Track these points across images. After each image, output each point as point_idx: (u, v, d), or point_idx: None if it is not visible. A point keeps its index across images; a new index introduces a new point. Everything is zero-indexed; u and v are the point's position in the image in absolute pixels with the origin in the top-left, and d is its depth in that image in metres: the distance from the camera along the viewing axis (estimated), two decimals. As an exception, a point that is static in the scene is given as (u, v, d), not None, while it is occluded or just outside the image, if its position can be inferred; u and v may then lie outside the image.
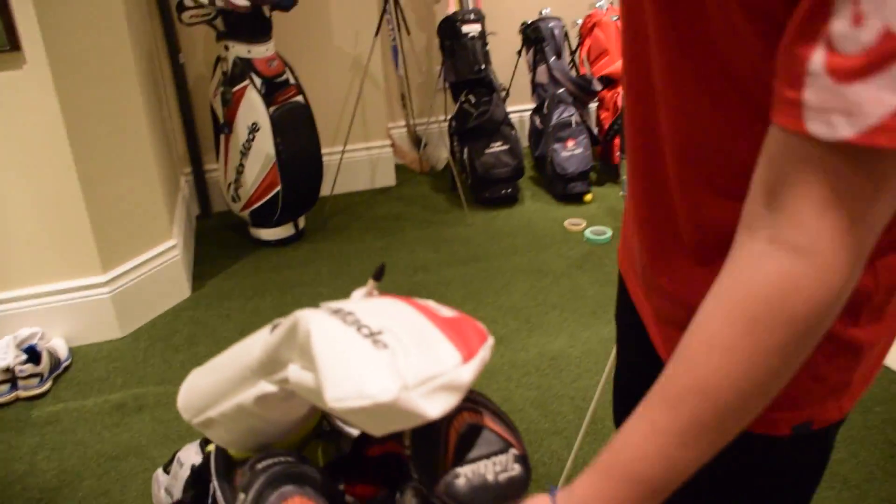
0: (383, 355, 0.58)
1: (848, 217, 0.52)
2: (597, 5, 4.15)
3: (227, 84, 3.03)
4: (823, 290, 0.54)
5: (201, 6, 2.87)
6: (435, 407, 0.57)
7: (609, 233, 3.32)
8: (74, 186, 2.45)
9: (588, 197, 3.73)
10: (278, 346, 0.67)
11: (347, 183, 3.91)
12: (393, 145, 4.02)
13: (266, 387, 0.71)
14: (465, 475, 0.63)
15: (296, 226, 3.35)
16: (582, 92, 3.84)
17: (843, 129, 0.48)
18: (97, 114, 2.48)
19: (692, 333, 0.61)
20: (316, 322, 0.62)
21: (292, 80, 3.15)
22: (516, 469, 0.65)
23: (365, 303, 0.68)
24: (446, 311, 0.68)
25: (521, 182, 3.89)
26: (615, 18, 4.00)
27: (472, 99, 3.71)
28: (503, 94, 3.84)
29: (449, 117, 3.93)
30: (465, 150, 3.74)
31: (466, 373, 0.60)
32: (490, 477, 0.63)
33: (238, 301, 2.90)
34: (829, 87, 0.48)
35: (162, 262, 2.82)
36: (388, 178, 4.03)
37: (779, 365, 0.57)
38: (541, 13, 4.05)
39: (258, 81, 3.01)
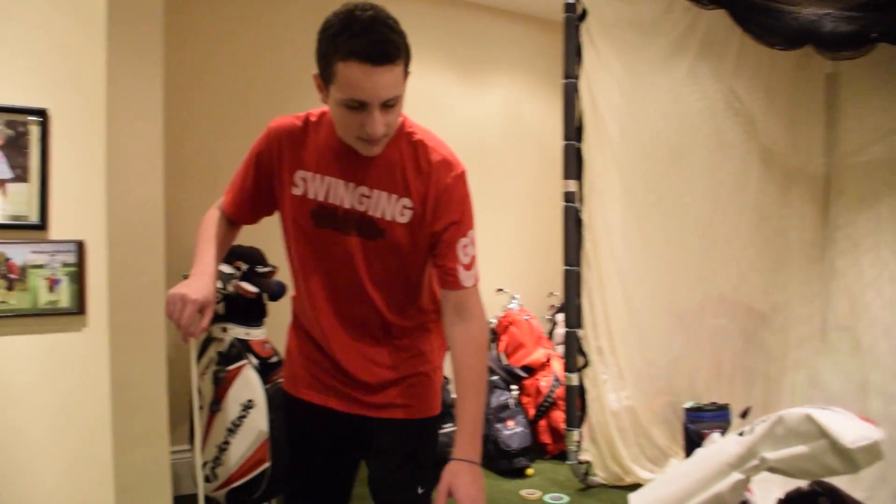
0: (856, 420, 1.20)
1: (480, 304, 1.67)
2: (509, 306, 4.81)
3: (221, 363, 3.15)
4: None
5: None
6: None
7: (566, 498, 3.61)
8: (106, 451, 2.42)
9: (530, 471, 4.07)
10: (757, 442, 1.25)
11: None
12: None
13: (737, 476, 1.26)
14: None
15: (272, 504, 3.23)
16: (511, 378, 4.40)
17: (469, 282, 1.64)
18: (137, 382, 2.50)
19: (465, 366, 1.60)
20: (804, 410, 1.22)
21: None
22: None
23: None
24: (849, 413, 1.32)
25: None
26: (527, 318, 4.71)
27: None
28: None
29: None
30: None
31: (881, 434, 1.27)
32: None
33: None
34: (464, 272, 1.62)
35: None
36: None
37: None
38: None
39: (255, 361, 3.19)
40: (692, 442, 3.97)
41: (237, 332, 3.22)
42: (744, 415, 1.58)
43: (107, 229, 2.40)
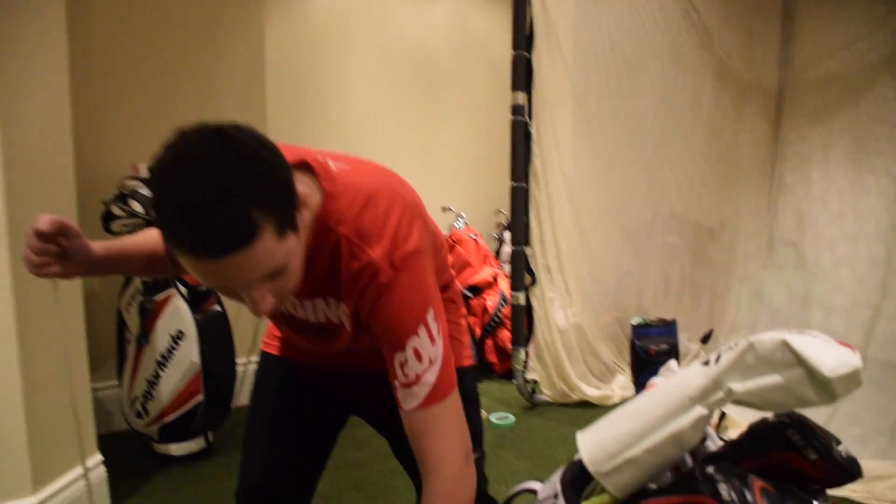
0: (834, 345, 0.99)
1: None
2: (454, 225, 4.85)
3: (147, 293, 2.91)
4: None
5: (133, 215, 2.84)
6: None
7: (512, 417, 3.59)
8: (16, 395, 2.12)
9: (474, 390, 4.08)
10: (723, 372, 1.05)
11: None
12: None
13: (700, 410, 1.07)
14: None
15: (206, 439, 3.07)
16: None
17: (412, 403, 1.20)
18: (47, 318, 2.16)
19: None
20: (779, 335, 1.01)
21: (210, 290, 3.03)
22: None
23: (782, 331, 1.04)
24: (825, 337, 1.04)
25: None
26: (473, 237, 4.76)
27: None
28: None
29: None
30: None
31: (860, 360, 0.98)
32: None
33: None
34: (403, 390, 1.20)
35: (90, 479, 2.48)
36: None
37: None
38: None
39: (183, 290, 2.93)
40: (639, 358, 4.00)
41: (162, 258, 2.98)
42: (705, 339, 1.49)
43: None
